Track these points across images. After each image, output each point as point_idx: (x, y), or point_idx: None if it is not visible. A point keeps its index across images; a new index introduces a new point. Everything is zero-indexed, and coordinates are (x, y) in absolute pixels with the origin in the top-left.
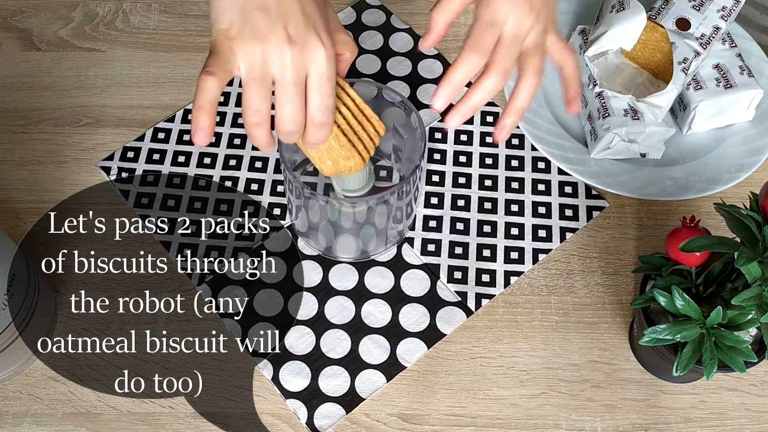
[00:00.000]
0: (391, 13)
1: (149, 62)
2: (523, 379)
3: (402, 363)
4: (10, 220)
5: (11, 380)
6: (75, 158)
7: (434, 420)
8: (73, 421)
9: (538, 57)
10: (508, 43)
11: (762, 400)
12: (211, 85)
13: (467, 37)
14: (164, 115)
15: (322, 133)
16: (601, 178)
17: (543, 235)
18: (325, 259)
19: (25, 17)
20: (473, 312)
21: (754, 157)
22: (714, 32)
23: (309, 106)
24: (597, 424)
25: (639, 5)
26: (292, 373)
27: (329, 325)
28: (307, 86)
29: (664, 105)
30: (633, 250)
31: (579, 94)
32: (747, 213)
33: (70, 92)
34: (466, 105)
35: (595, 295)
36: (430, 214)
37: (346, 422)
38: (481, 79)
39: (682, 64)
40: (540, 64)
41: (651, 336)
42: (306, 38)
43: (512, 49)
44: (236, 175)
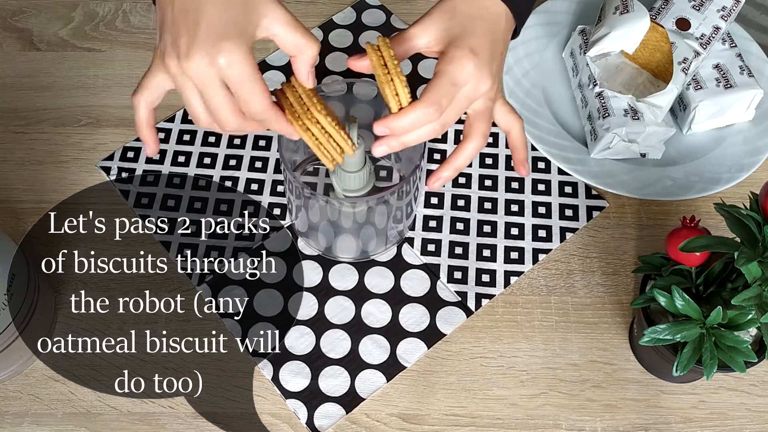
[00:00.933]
0: (391, 13)
1: (149, 62)
2: (523, 379)
3: (402, 363)
4: (10, 220)
5: (11, 380)
6: (75, 158)
7: (434, 420)
8: (73, 421)
9: (486, 122)
10: (459, 99)
11: (762, 400)
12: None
13: (427, 89)
14: (164, 115)
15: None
16: (601, 178)
17: (543, 235)
18: (325, 259)
19: (25, 17)
20: (473, 312)
21: (754, 157)
22: (714, 32)
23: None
24: (597, 424)
25: (642, 8)
26: (292, 373)
27: (329, 325)
28: None
29: (664, 105)
30: (633, 250)
31: (526, 159)
32: (747, 213)
33: (70, 92)
34: (450, 166)
35: (595, 295)
36: (430, 214)
37: (346, 422)
38: (464, 144)
39: (682, 64)
40: (486, 129)
41: (651, 336)
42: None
43: (460, 105)
44: (236, 175)
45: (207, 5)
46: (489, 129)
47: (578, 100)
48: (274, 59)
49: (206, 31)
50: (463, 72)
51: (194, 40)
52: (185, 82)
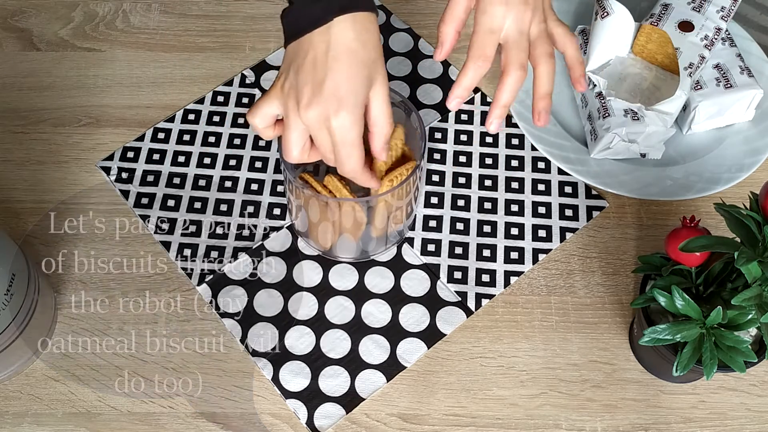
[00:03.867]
0: (391, 13)
1: (149, 62)
2: (523, 379)
3: (402, 363)
4: (10, 220)
5: (11, 380)
6: (75, 158)
7: (434, 420)
8: (73, 421)
9: (546, 44)
10: (514, 41)
11: (762, 400)
12: (252, 124)
13: (470, 45)
14: (164, 115)
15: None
16: (601, 178)
17: (543, 235)
18: (325, 259)
19: (25, 17)
20: (473, 312)
21: (754, 157)
22: (716, 33)
23: None
24: (597, 424)
25: (622, 8)
26: (292, 373)
27: (329, 325)
28: None
29: (673, 111)
30: (633, 250)
31: (584, 74)
32: (747, 213)
33: (70, 92)
34: (498, 105)
35: (595, 295)
36: (430, 214)
37: (346, 422)
38: (503, 79)
39: (688, 69)
40: (549, 49)
41: (651, 336)
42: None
43: (521, 44)
44: (236, 175)
45: (337, 69)
46: (551, 49)
47: (578, 100)
48: (273, 59)
49: (330, 91)
50: (495, 16)
51: (317, 96)
52: (296, 124)
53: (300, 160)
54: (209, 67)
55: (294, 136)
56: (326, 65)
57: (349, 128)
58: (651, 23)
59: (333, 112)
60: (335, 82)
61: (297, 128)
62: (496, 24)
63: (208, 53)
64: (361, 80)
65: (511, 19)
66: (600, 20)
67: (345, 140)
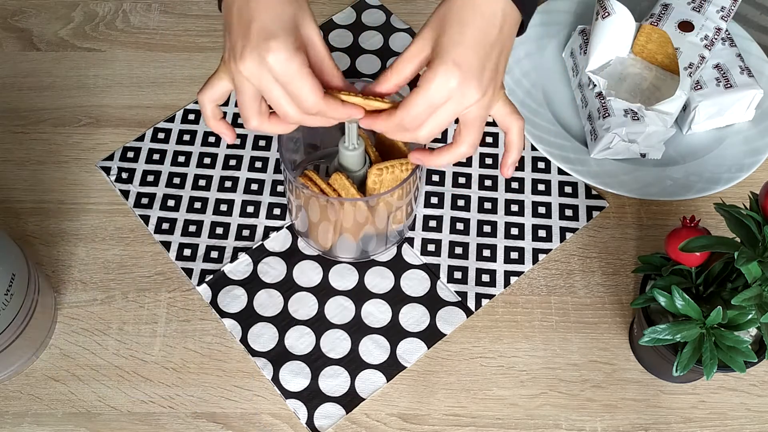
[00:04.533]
0: (391, 13)
1: (149, 62)
2: (523, 379)
3: (402, 363)
4: (10, 220)
5: (11, 380)
6: (75, 158)
7: (434, 420)
8: (73, 421)
9: (475, 131)
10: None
11: (762, 400)
12: (200, 100)
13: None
14: (164, 115)
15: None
16: (601, 178)
17: (543, 235)
18: (325, 259)
19: (25, 17)
20: (473, 312)
21: (754, 157)
22: (716, 33)
23: None
24: (597, 424)
25: (623, 8)
26: (292, 373)
27: (329, 325)
28: None
29: (673, 111)
30: (633, 250)
31: (515, 162)
32: (747, 213)
33: (70, 92)
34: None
35: (595, 295)
36: (430, 214)
37: (346, 422)
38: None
39: (688, 69)
40: (475, 139)
41: (651, 336)
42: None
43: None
44: (236, 175)
45: (257, 8)
46: (479, 138)
47: (578, 100)
48: None
49: (257, 31)
50: (445, 89)
51: (247, 42)
52: (242, 84)
53: (261, 128)
54: (209, 67)
55: (246, 100)
56: (249, 8)
57: (287, 59)
58: (651, 23)
59: (265, 50)
60: (260, 19)
61: (246, 90)
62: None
63: (208, 53)
64: (282, 6)
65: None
66: (601, 20)
67: (288, 73)
